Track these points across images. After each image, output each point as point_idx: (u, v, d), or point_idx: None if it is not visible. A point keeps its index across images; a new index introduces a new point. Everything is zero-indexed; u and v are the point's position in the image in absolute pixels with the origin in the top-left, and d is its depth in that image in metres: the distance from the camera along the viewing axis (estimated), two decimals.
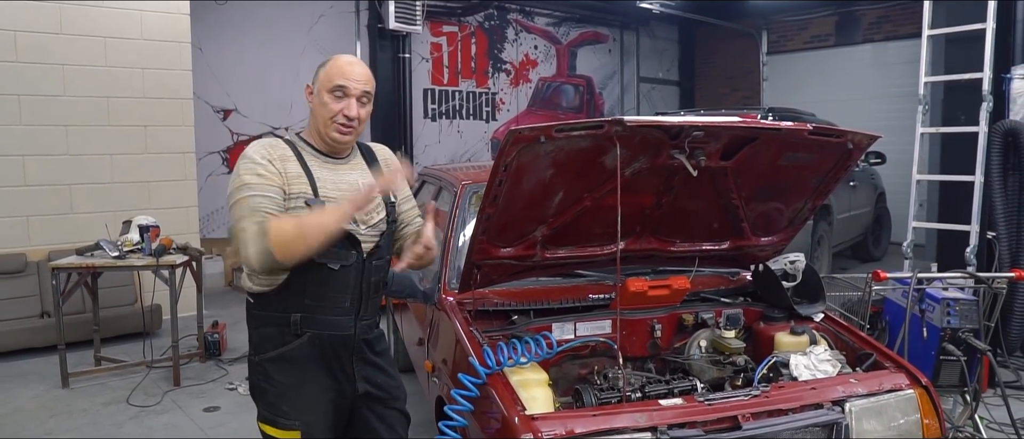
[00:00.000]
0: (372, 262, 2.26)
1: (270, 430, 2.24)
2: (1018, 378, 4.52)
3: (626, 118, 2.25)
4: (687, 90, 13.37)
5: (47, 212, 6.02)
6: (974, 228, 4.14)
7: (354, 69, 2.22)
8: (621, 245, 2.93)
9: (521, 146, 2.30)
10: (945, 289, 3.41)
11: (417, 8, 8.95)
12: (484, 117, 10.80)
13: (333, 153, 2.25)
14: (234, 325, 5.98)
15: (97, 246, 4.89)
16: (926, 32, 4.41)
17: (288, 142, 2.21)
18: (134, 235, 4.91)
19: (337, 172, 2.23)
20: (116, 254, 4.78)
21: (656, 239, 2.99)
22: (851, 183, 8.13)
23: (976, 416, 3.52)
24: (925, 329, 3.30)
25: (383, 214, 2.29)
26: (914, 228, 4.64)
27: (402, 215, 2.41)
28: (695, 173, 2.49)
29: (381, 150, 2.45)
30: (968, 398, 3.39)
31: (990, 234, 4.37)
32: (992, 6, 4.07)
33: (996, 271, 4.13)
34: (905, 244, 4.51)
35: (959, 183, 4.40)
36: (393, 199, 2.35)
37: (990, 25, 4.09)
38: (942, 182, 4.55)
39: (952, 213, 4.41)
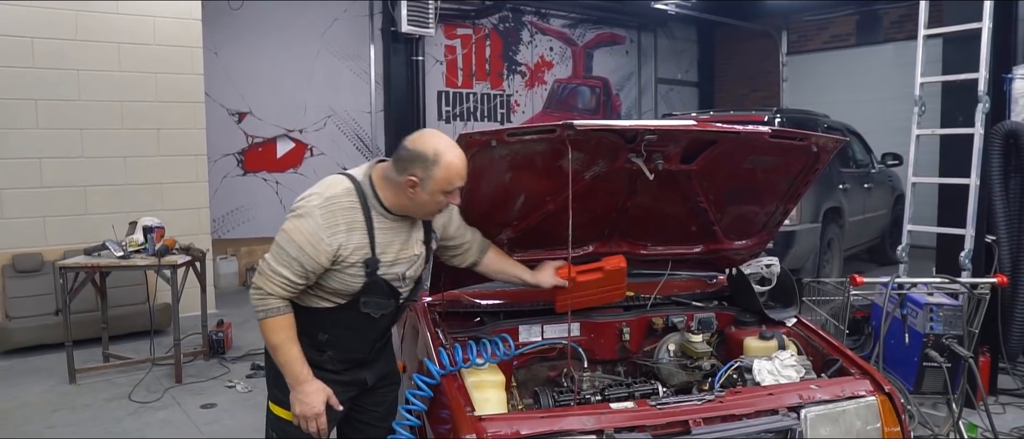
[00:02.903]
0: (404, 303, 2.43)
1: (279, 410, 2.38)
2: (1020, 385, 4.41)
3: (576, 122, 2.26)
4: (706, 91, 13.26)
5: (63, 213, 6.21)
6: (969, 232, 4.05)
7: (465, 164, 2.21)
8: (589, 248, 2.95)
9: (474, 150, 2.33)
10: (930, 294, 3.35)
11: (430, 11, 9.02)
12: (499, 119, 10.83)
13: (404, 215, 2.30)
14: (243, 324, 6.07)
15: (103, 246, 5.03)
16: (922, 32, 4.32)
17: (361, 196, 2.22)
18: (139, 235, 5.04)
19: (398, 232, 2.30)
20: (121, 254, 4.91)
21: (626, 242, 2.98)
22: (866, 185, 8.01)
23: (961, 423, 3.45)
24: (907, 335, 3.25)
25: (424, 266, 2.42)
26: (921, 232, 4.56)
27: (452, 241, 2.54)
28: (651, 176, 2.48)
29: None
30: (953, 405, 3.32)
31: (990, 238, 4.27)
32: (988, 5, 3.97)
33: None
34: (900, 248, 4.43)
35: (960, 186, 4.31)
36: (435, 245, 2.46)
37: (986, 24, 3.99)
38: (941, 185, 4.46)
39: (952, 216, 4.32)
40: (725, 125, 2.54)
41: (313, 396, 2.21)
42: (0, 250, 5.95)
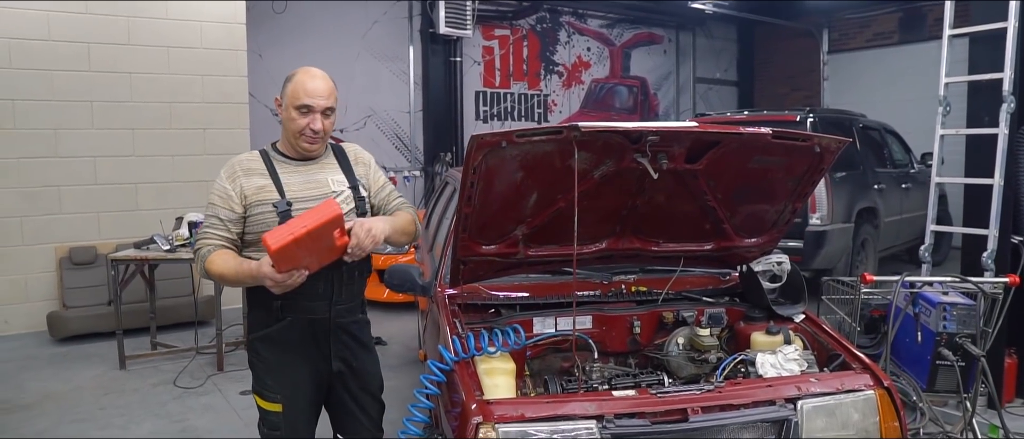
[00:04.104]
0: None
1: (259, 401, 2.55)
2: None
3: (582, 124, 2.37)
4: (746, 90, 13.18)
5: (115, 209, 6.56)
6: (992, 232, 4.03)
7: (317, 86, 2.41)
8: (602, 244, 3.07)
9: (486, 151, 2.46)
10: (945, 293, 3.37)
11: (467, 13, 9.20)
12: (536, 119, 10.97)
13: (303, 157, 2.48)
14: None
15: (151, 240, 5.32)
16: (947, 31, 4.31)
17: (262, 152, 2.49)
18: (184, 230, 5.31)
19: (307, 173, 2.48)
20: (168, 248, 5.19)
21: (638, 239, 3.09)
22: (904, 185, 7.91)
23: (983, 423, 3.46)
24: (920, 333, 3.28)
25: (352, 205, 2.51)
26: (952, 233, 4.54)
27: (378, 203, 2.63)
28: (656, 176, 2.59)
29: (352, 149, 2.67)
30: (968, 405, 3.34)
31: (1015, 238, 4.24)
32: (1014, 4, 3.95)
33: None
34: (922, 248, 4.43)
35: (986, 186, 4.28)
36: (364, 194, 2.56)
37: (1012, 24, 3.97)
38: (967, 185, 4.44)
39: (977, 217, 4.31)
40: (726, 126, 2.62)
41: (267, 272, 2.17)
42: (58, 243, 6.32)
